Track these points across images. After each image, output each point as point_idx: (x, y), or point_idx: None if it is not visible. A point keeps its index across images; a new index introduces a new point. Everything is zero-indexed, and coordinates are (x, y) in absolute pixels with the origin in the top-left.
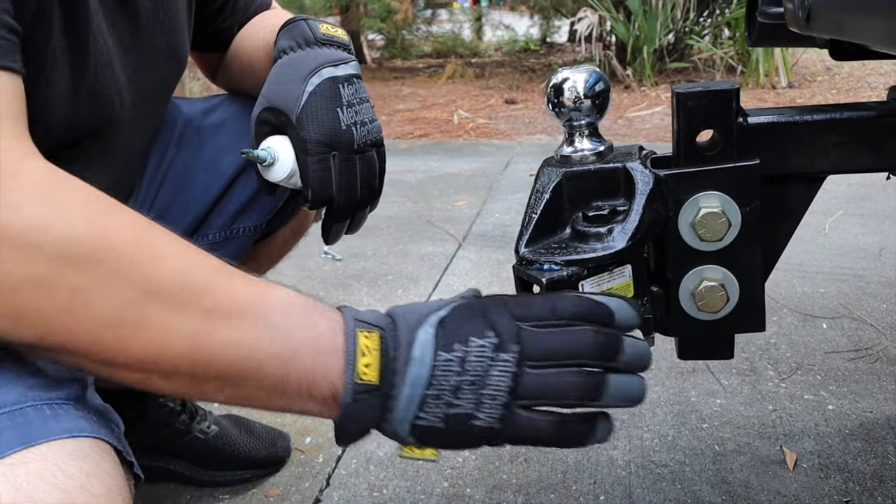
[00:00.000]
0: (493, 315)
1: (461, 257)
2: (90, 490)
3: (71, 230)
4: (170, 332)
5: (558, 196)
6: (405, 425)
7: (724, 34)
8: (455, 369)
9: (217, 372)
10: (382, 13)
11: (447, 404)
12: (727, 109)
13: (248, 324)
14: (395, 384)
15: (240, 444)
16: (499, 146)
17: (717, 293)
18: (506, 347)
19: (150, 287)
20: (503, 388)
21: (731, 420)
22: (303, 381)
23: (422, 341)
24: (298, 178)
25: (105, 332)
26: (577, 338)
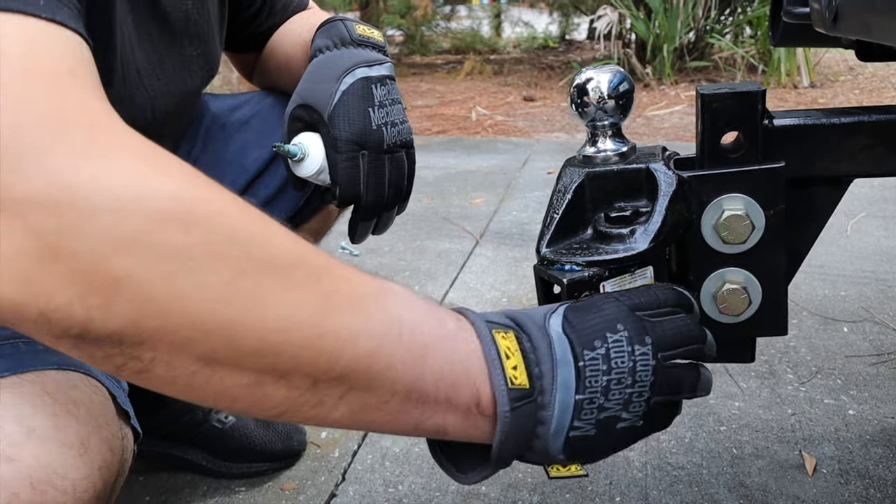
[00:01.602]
0: (611, 309)
1: (478, 254)
2: (77, 416)
3: (176, 189)
4: (290, 314)
5: (580, 196)
6: (560, 439)
7: (746, 33)
8: (602, 368)
9: (342, 369)
10: (402, 9)
11: (599, 408)
12: (753, 111)
13: (373, 312)
14: (545, 388)
15: (256, 436)
16: (517, 143)
17: (739, 296)
18: (641, 339)
19: (265, 258)
20: (647, 384)
21: (750, 423)
22: (441, 384)
23: (558, 340)
24: (327, 175)
25: (213, 311)
26: (686, 326)
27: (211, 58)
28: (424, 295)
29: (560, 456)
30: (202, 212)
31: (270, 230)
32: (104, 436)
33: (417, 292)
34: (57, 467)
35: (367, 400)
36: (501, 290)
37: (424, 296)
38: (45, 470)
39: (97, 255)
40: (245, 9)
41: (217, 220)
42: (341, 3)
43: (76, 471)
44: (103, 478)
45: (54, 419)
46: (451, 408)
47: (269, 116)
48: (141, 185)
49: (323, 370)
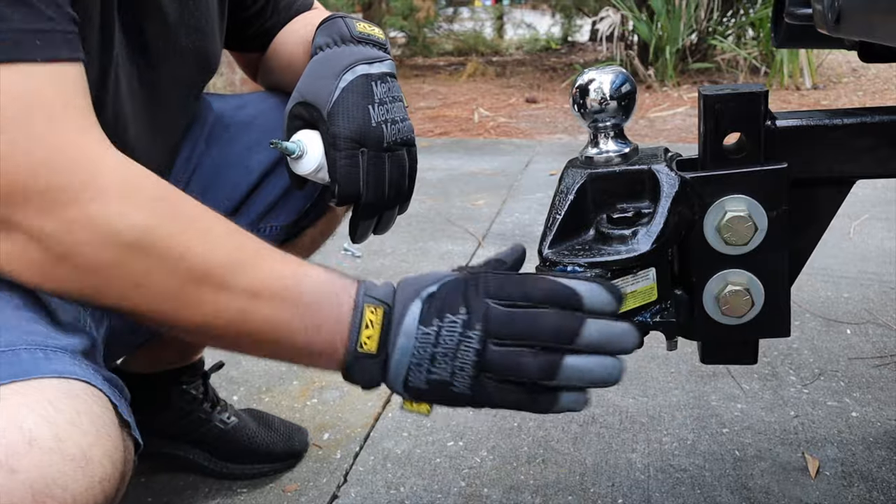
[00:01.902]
0: (470, 292)
1: (481, 256)
2: (80, 427)
3: (144, 221)
4: (221, 308)
5: (583, 197)
6: (399, 384)
7: (748, 34)
8: (431, 342)
9: (256, 339)
10: (405, 11)
11: (427, 371)
12: (755, 113)
13: (286, 303)
14: (388, 353)
15: (258, 437)
16: (519, 145)
17: (741, 297)
18: (472, 325)
19: (206, 271)
20: (469, 362)
21: (752, 425)
22: (324, 348)
23: (411, 315)
24: (326, 173)
25: (167, 305)
26: (538, 320)
27: (208, 52)
28: None
29: (405, 395)
30: (162, 240)
31: (217, 242)
32: (106, 448)
33: None
34: (58, 479)
35: (271, 351)
36: None
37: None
38: (46, 482)
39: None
40: (248, 6)
41: (172, 243)
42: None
43: (77, 483)
44: (104, 491)
45: (56, 429)
46: (329, 359)
47: (273, 116)
48: (119, 221)
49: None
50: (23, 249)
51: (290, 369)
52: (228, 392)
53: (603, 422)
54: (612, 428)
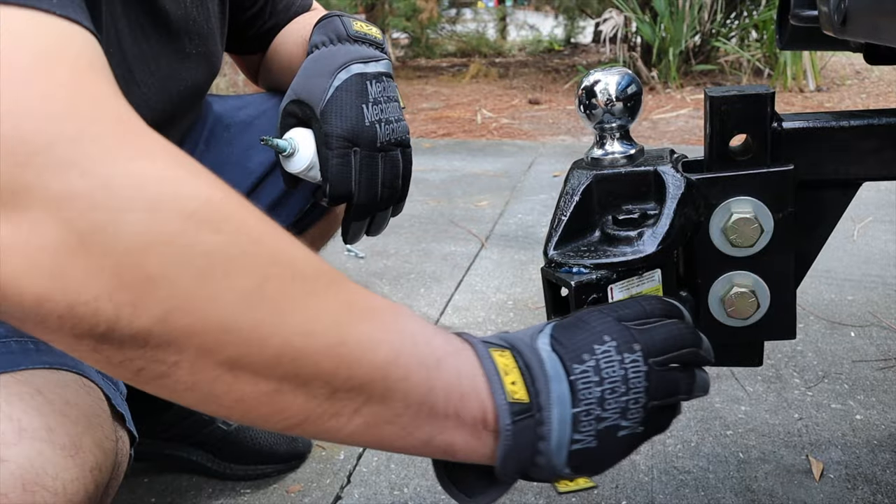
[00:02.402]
0: (597, 322)
1: (484, 257)
2: (69, 416)
3: (207, 190)
4: (314, 320)
5: (588, 199)
6: (562, 453)
7: (752, 36)
8: (594, 379)
9: (361, 378)
10: (408, 12)
11: (597, 419)
12: (762, 114)
13: (390, 324)
14: (542, 405)
15: (261, 437)
16: (522, 146)
17: (747, 299)
18: (630, 348)
19: (290, 264)
20: (641, 389)
21: (756, 427)
22: (451, 397)
23: (547, 357)
24: (318, 172)
25: (241, 313)
26: (679, 330)
27: (212, 56)
28: (430, 298)
29: (566, 470)
30: (232, 215)
31: (289, 239)
32: (97, 437)
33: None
34: (48, 468)
35: (381, 413)
36: (507, 292)
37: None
38: (35, 471)
39: (131, 252)
40: (247, 8)
41: (246, 223)
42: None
43: (67, 472)
44: (95, 480)
45: (46, 419)
46: (459, 423)
47: (273, 117)
48: (175, 185)
49: (342, 379)
50: (33, 229)
51: None
52: None
53: None
54: None
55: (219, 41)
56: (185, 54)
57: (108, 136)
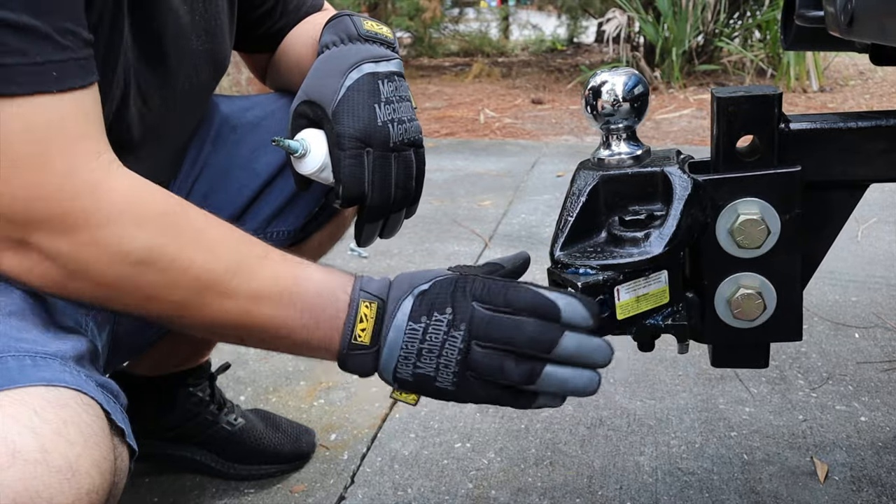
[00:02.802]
0: (458, 293)
1: (487, 257)
2: (66, 437)
3: (150, 241)
4: (225, 312)
5: (594, 199)
6: (388, 375)
7: (755, 36)
8: (418, 337)
9: (260, 336)
10: (411, 11)
11: (413, 365)
12: (769, 115)
13: (285, 305)
14: (380, 345)
15: (265, 438)
16: (525, 146)
17: (753, 301)
18: (457, 325)
19: (210, 280)
20: (453, 360)
21: (761, 429)
22: (322, 342)
23: (402, 311)
24: (330, 173)
25: (175, 312)
26: (518, 329)
27: (219, 54)
28: None
29: (394, 384)
30: (170, 254)
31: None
32: (95, 458)
33: None
34: (42, 492)
35: (271, 346)
36: None
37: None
38: (29, 494)
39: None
40: (257, 7)
41: (179, 258)
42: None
43: (63, 496)
44: (91, 502)
45: (41, 440)
46: (327, 352)
47: (281, 118)
48: (127, 243)
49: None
50: (38, 265)
51: (297, 370)
52: (235, 392)
53: (611, 424)
54: (620, 431)
55: (228, 40)
56: (193, 51)
57: (85, 211)
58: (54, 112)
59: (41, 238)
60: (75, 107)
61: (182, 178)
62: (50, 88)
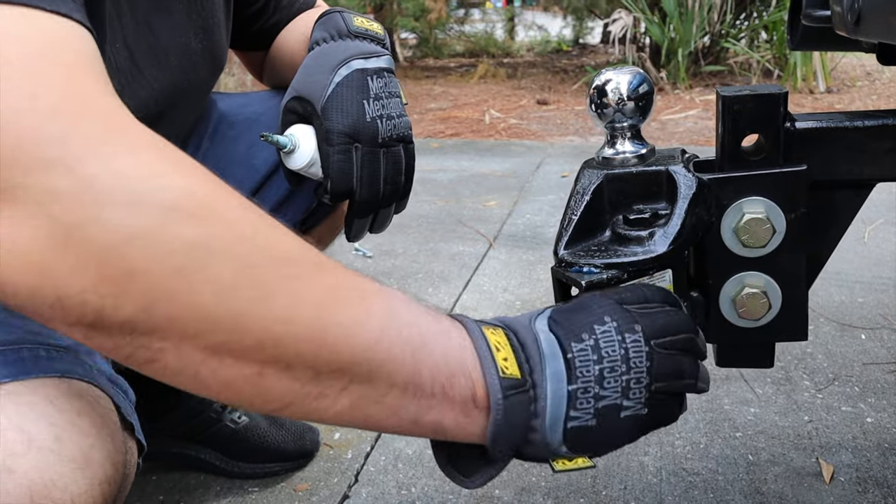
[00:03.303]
0: (597, 305)
1: (492, 257)
2: (80, 428)
3: (190, 183)
4: (294, 306)
5: (599, 198)
6: (558, 430)
7: (762, 37)
8: (592, 357)
9: (344, 361)
10: (416, 12)
11: (595, 397)
12: (775, 114)
13: (374, 307)
14: (536, 381)
15: (269, 436)
16: (530, 147)
17: (758, 300)
18: (630, 328)
19: (271, 250)
20: (643, 369)
21: (766, 430)
22: (438, 376)
23: (544, 336)
24: (319, 168)
25: (221, 303)
26: (677, 318)
27: (217, 51)
28: (438, 297)
29: (562, 448)
30: (213, 207)
31: (274, 226)
32: (107, 450)
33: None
34: (57, 481)
35: (366, 393)
36: (515, 293)
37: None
38: (44, 483)
39: (112, 246)
40: (250, 4)
41: (228, 214)
42: (355, 5)
43: (76, 485)
44: (104, 493)
45: (56, 430)
46: (447, 401)
47: (278, 114)
48: (156, 179)
49: (325, 362)
50: (22, 226)
51: None
52: None
53: None
54: None
55: (224, 37)
56: (191, 49)
57: (93, 134)
58: (47, 28)
59: (35, 175)
60: (73, 34)
61: None
62: (44, 5)
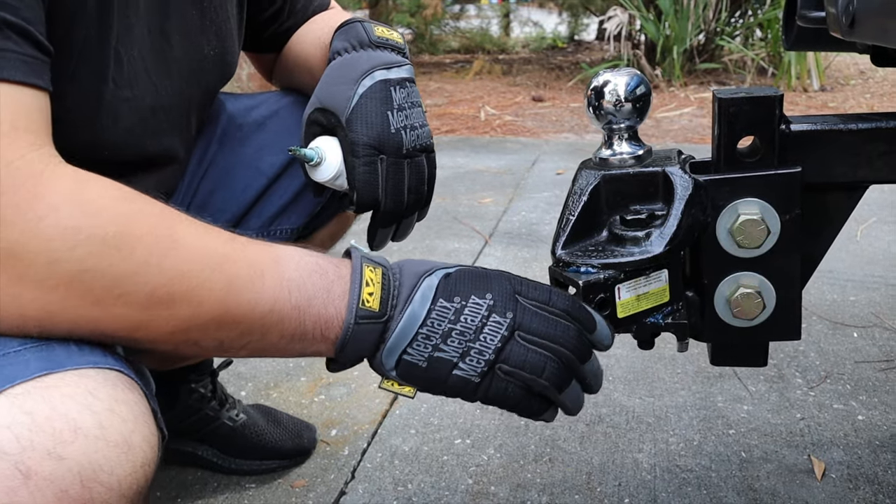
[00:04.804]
0: (495, 282)
1: (487, 254)
2: (119, 414)
3: (102, 229)
4: (198, 304)
5: (596, 199)
6: (392, 358)
7: (756, 35)
8: (450, 317)
9: (244, 329)
10: (412, 8)
11: (434, 347)
12: (770, 116)
13: (268, 282)
14: (392, 316)
15: (267, 433)
16: (525, 143)
17: (753, 300)
18: (502, 312)
19: (176, 268)
20: (491, 346)
21: (759, 427)
22: (318, 324)
23: (425, 286)
24: (345, 180)
25: (138, 314)
26: (566, 329)
27: (228, 57)
28: None
29: (392, 372)
30: (127, 243)
31: (183, 237)
32: (145, 434)
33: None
34: (104, 465)
35: (263, 343)
36: None
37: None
38: (92, 467)
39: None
40: (265, 9)
41: (137, 248)
42: (350, 3)
43: (121, 468)
44: (146, 475)
45: (98, 417)
46: (324, 339)
47: (286, 117)
48: (76, 234)
49: (227, 333)
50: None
51: (298, 365)
52: (236, 387)
53: (609, 421)
54: (619, 428)
55: (236, 43)
56: (203, 56)
57: (20, 198)
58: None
59: None
60: (13, 99)
61: (188, 178)
62: None
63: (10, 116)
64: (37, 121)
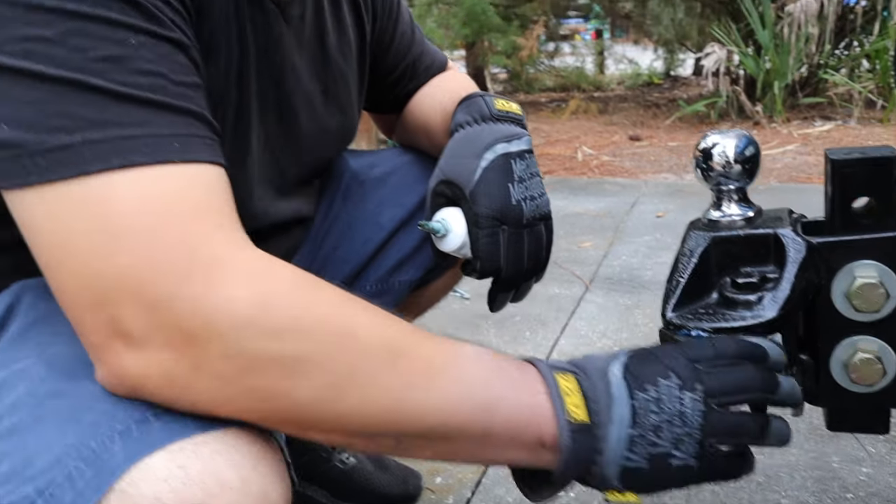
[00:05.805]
0: (668, 358)
1: (588, 300)
2: (259, 470)
3: (283, 317)
4: (374, 397)
5: (706, 261)
6: (614, 468)
7: (863, 67)
8: (653, 409)
9: (422, 431)
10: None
11: (650, 444)
12: (886, 177)
13: (449, 381)
14: (602, 423)
15: (375, 479)
16: (624, 185)
17: (872, 366)
18: (691, 386)
19: (355, 355)
20: (697, 426)
21: (880, 492)
22: (510, 430)
23: (616, 382)
24: (469, 249)
25: (315, 401)
26: (745, 373)
27: (350, 124)
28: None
29: (616, 483)
30: (307, 330)
31: (362, 323)
32: (281, 490)
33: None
34: None
35: (446, 448)
36: (613, 338)
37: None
38: None
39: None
40: (387, 75)
41: (318, 335)
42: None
43: None
44: None
45: (242, 472)
46: (519, 446)
47: (406, 174)
48: (258, 320)
49: (405, 434)
50: (156, 360)
51: None
52: None
53: None
54: (727, 486)
55: (357, 110)
56: (326, 130)
57: (197, 287)
58: (174, 182)
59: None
60: (199, 179)
61: (314, 233)
62: (172, 158)
63: (197, 197)
64: (222, 198)
